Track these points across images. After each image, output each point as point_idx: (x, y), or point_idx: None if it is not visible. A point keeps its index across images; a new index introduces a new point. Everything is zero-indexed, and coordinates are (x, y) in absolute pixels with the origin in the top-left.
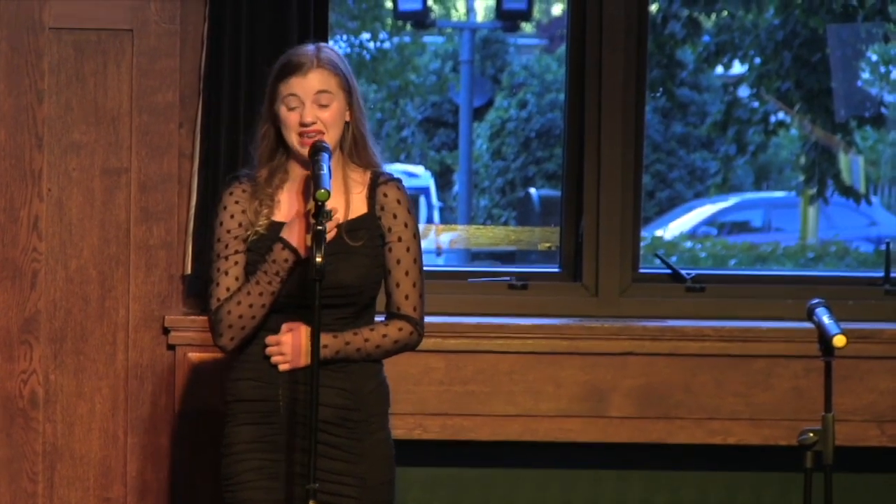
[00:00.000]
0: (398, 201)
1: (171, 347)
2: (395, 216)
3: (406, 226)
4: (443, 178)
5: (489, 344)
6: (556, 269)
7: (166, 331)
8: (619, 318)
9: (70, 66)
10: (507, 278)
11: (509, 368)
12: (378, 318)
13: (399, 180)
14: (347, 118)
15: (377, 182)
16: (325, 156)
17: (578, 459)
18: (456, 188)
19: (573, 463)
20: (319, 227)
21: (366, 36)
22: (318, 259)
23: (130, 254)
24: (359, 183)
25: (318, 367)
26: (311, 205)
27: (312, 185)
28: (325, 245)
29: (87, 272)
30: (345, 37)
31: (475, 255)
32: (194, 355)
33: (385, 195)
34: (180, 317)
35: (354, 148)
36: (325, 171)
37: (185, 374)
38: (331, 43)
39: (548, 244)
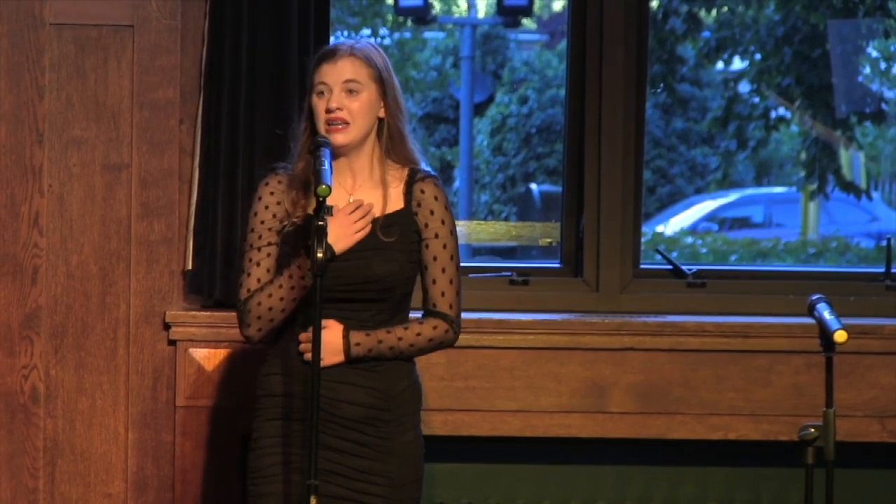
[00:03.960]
0: (435, 198)
1: (172, 343)
2: (432, 213)
3: (443, 222)
4: (443, 173)
5: (490, 339)
6: (556, 265)
7: (167, 326)
8: (619, 313)
9: (71, 62)
10: (508, 274)
11: (510, 364)
12: (414, 315)
13: (436, 177)
14: (382, 113)
15: (414, 179)
16: (326, 151)
17: (578, 455)
18: (457, 184)
19: (573, 458)
20: (320, 223)
21: (366, 32)
22: (319, 254)
23: (131, 249)
24: (396, 179)
25: (319, 359)
26: (313, 201)
27: (313, 180)
28: (360, 240)
29: (88, 268)
30: (345, 33)
31: (476, 251)
32: (195, 351)
33: (422, 192)
34: (181, 312)
35: (391, 144)
36: (325, 166)
37: (186, 370)
38: (332, 39)
39: (549, 240)
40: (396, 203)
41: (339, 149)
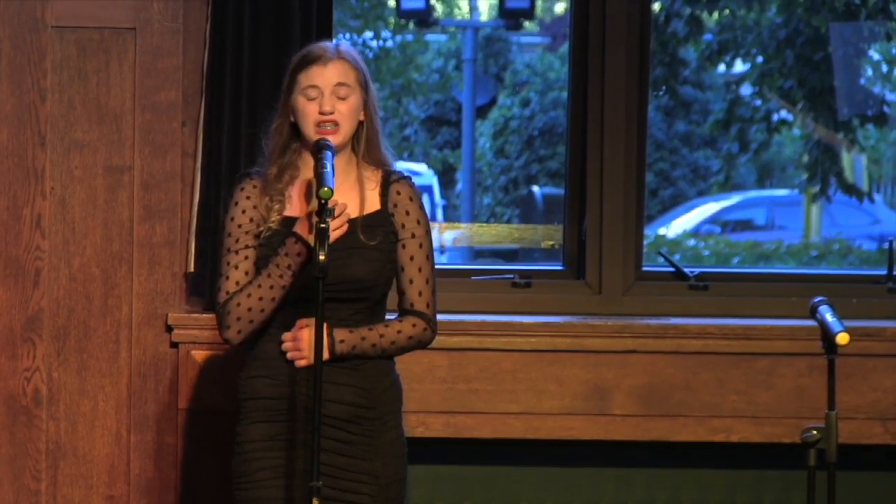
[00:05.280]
0: (410, 199)
1: (175, 345)
2: (407, 213)
3: (419, 223)
4: (446, 176)
5: (492, 342)
6: (559, 267)
7: (169, 328)
8: (621, 316)
9: (73, 64)
10: (511, 276)
11: (512, 366)
12: (390, 316)
13: (410, 178)
14: (362, 117)
15: (389, 180)
16: (329, 153)
17: (581, 457)
18: (459, 186)
19: (575, 461)
20: (323, 225)
21: (369, 34)
22: (322, 256)
23: (133, 252)
24: (371, 180)
25: (321, 362)
26: (315, 203)
27: (315, 182)
28: (339, 240)
29: (90, 270)
30: (347, 35)
31: (478, 253)
32: (197, 353)
33: (398, 193)
34: (183, 314)
35: (367, 147)
36: (328, 168)
37: (189, 372)
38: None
39: (551, 242)
40: (373, 204)
41: None
